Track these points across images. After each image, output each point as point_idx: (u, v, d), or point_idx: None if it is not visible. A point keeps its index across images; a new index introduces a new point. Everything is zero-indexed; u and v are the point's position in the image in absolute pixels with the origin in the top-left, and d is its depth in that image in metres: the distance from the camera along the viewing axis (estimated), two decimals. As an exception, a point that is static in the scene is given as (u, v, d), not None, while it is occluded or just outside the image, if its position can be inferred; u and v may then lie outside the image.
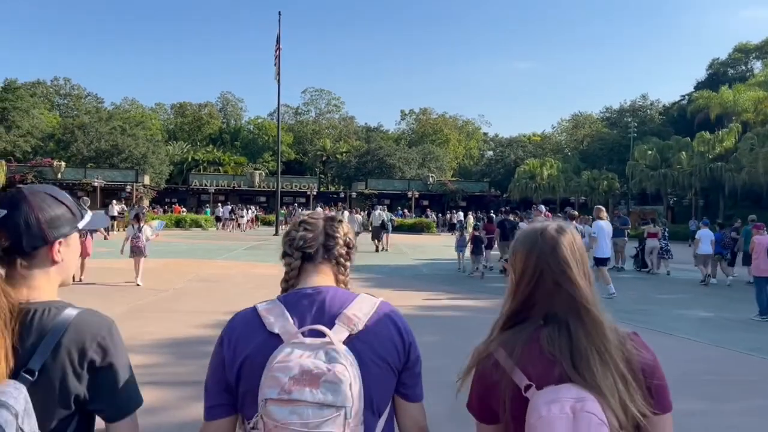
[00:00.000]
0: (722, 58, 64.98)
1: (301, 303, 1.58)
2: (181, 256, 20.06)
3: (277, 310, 1.55)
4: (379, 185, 61.73)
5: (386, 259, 20.99)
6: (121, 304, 10.65)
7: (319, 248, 1.68)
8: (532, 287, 1.56)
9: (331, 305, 1.57)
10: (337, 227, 1.73)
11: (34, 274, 1.48)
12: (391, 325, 1.61)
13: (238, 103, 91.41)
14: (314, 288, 1.61)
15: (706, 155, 43.59)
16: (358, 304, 1.59)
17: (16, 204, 1.46)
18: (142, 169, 58.49)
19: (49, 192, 1.53)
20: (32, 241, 1.46)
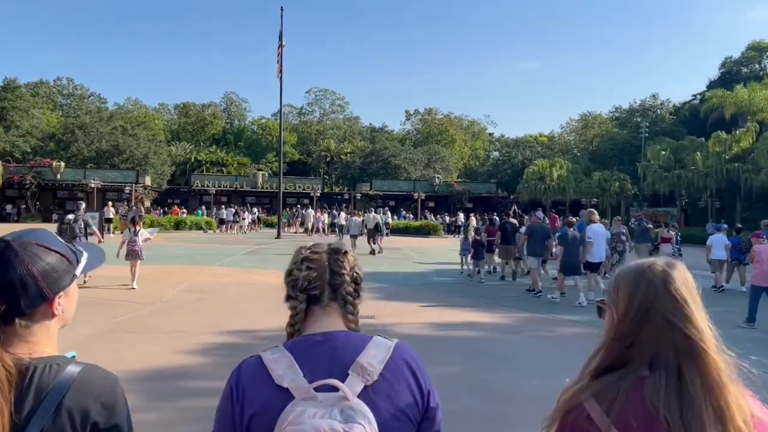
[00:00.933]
0: (735, 56, 63.58)
1: (311, 352, 1.47)
2: (177, 262, 18.94)
3: (284, 360, 1.45)
4: (383, 186, 60.68)
5: (393, 266, 19.82)
6: (99, 321, 9.50)
7: (325, 288, 1.56)
8: (637, 327, 1.40)
9: (344, 353, 1.46)
10: (342, 262, 1.59)
11: (33, 330, 1.39)
12: (407, 372, 1.49)
13: (242, 103, 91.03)
14: (324, 334, 1.51)
15: (723, 156, 42.23)
16: (371, 351, 1.47)
17: (7, 262, 1.35)
18: (143, 169, 57.66)
19: (40, 242, 1.41)
20: (31, 301, 1.36)
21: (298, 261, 1.61)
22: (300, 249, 1.67)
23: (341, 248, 1.65)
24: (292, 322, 1.58)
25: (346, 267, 1.61)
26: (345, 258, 1.62)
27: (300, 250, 1.66)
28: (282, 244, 29.32)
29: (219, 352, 7.74)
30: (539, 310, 11.83)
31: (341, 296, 1.58)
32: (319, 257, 1.59)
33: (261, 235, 36.56)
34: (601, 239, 13.64)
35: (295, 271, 1.59)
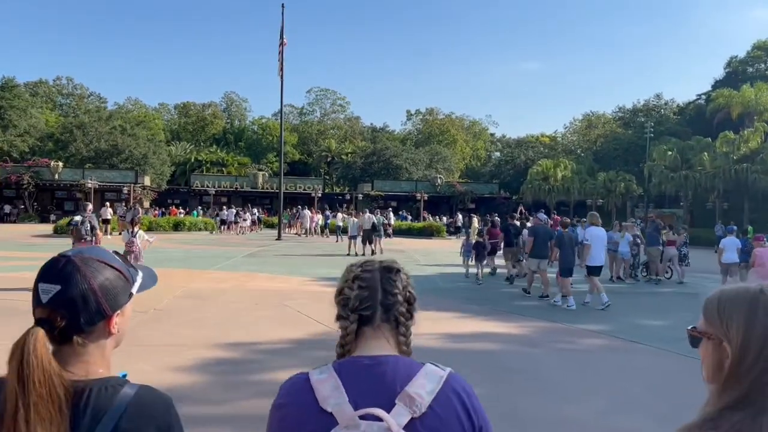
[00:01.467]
0: (741, 56, 62.95)
1: (359, 376, 1.41)
2: (174, 265, 18.27)
3: (331, 382, 1.40)
4: (385, 186, 60.11)
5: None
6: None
7: (377, 308, 1.49)
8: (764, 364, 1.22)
9: (393, 380, 1.39)
10: (395, 280, 1.53)
11: (89, 349, 1.37)
12: (458, 405, 1.40)
13: (242, 103, 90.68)
14: (372, 358, 1.44)
15: (731, 156, 41.54)
16: (421, 380, 1.39)
17: (69, 277, 1.34)
18: (142, 169, 57.11)
19: (100, 257, 1.41)
20: (90, 318, 1.35)
21: (350, 279, 1.56)
22: (351, 267, 1.61)
23: (394, 266, 1.58)
24: (343, 343, 1.52)
25: (399, 286, 1.53)
26: (398, 276, 1.56)
27: (351, 268, 1.60)
28: (283, 246, 28.68)
29: (217, 370, 7.09)
30: (556, 319, 11.17)
31: (393, 317, 1.51)
32: (371, 276, 1.54)
33: (261, 237, 35.90)
34: (600, 242, 13.34)
35: (346, 290, 1.54)
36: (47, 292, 1.33)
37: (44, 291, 1.33)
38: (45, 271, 1.37)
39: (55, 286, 1.33)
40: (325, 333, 9.27)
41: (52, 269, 1.36)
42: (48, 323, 1.32)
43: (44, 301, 1.33)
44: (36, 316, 1.33)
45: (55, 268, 1.36)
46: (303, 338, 8.90)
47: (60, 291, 1.33)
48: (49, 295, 1.33)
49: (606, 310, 12.30)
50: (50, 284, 1.34)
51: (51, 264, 1.38)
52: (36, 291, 1.34)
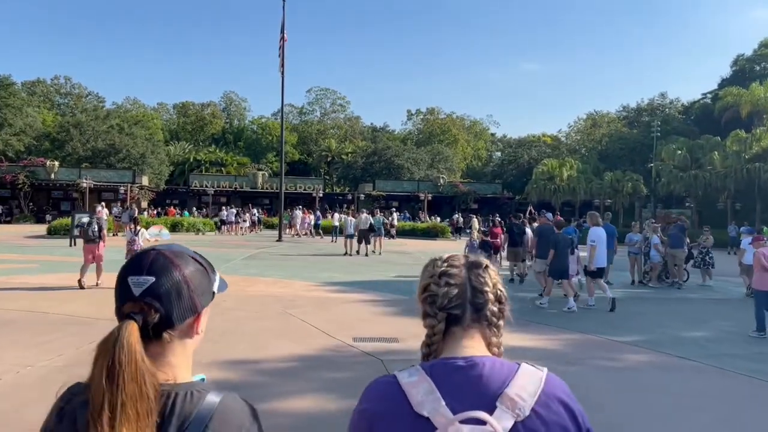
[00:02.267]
0: (747, 54, 61.99)
1: (453, 378, 1.31)
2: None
3: (424, 385, 1.30)
4: (387, 186, 59.22)
5: (406, 272, 18.22)
6: (67, 348, 7.87)
7: (467, 307, 1.40)
8: None
9: (490, 382, 1.30)
10: (484, 278, 1.44)
11: (175, 349, 1.30)
12: (562, 408, 1.30)
13: (242, 102, 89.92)
14: (467, 359, 1.34)
15: (742, 155, 40.54)
16: (521, 381, 1.30)
17: (163, 268, 1.29)
18: (140, 169, 56.16)
19: (188, 252, 1.38)
20: (183, 312, 1.29)
21: (436, 275, 1.44)
22: (435, 261, 1.50)
23: (482, 262, 1.47)
24: (429, 342, 1.42)
25: (489, 284, 1.43)
26: (486, 273, 1.45)
27: (435, 263, 1.49)
28: (284, 247, 27.69)
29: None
30: (585, 329, 10.18)
31: (485, 317, 1.41)
32: (459, 272, 1.43)
33: (261, 238, 34.91)
34: (603, 244, 12.95)
35: (433, 286, 1.43)
36: (140, 285, 1.26)
37: (136, 283, 1.26)
38: (135, 264, 1.30)
39: (148, 278, 1.26)
40: (335, 348, 8.29)
41: (143, 261, 1.30)
42: (140, 317, 1.24)
43: (137, 294, 1.25)
44: (125, 311, 1.25)
45: (146, 260, 1.30)
46: (311, 354, 7.91)
47: (154, 283, 1.27)
48: (142, 287, 1.26)
49: (636, 320, 11.36)
50: (143, 276, 1.27)
51: (141, 256, 1.32)
52: (124, 284, 1.27)
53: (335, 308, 11.44)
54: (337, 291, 13.85)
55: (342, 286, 14.60)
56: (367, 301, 12.49)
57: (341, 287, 14.47)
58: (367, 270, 18.61)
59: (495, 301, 1.43)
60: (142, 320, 1.24)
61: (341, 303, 12.12)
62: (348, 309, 11.45)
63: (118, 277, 1.31)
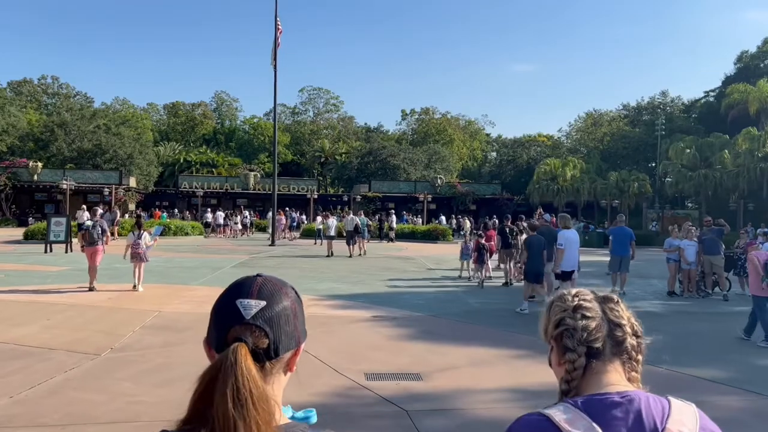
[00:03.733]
0: (752, 51, 60.60)
1: (611, 414, 1.26)
2: (149, 279, 15.42)
3: (582, 422, 1.24)
4: (383, 187, 57.44)
5: (414, 283, 16.46)
6: (10, 388, 6.06)
7: (606, 341, 1.36)
8: None
9: (648, 417, 1.25)
10: (619, 312, 1.40)
11: (274, 383, 1.20)
12: None
13: (233, 103, 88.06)
14: (622, 394, 1.29)
15: (756, 153, 38.94)
16: (678, 417, 1.27)
17: (273, 294, 1.22)
18: (127, 170, 54.20)
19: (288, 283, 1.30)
20: (288, 342, 1.21)
21: (570, 309, 1.39)
22: (563, 296, 1.44)
23: (613, 297, 1.44)
24: (569, 378, 1.35)
25: (624, 317, 1.40)
26: (619, 307, 1.42)
27: (564, 297, 1.44)
28: (277, 252, 25.85)
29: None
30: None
31: (625, 351, 1.37)
32: (593, 306, 1.40)
33: (253, 242, 33.04)
34: (573, 246, 12.80)
35: (569, 320, 1.37)
36: (251, 308, 1.19)
37: (247, 307, 1.19)
38: (243, 288, 1.23)
39: (260, 302, 1.20)
40: (345, 392, 6.48)
41: (252, 286, 1.23)
42: (250, 341, 1.15)
43: (248, 317, 1.18)
44: (234, 335, 1.16)
45: (254, 285, 1.23)
46: (315, 402, 6.09)
47: (266, 307, 1.20)
48: (254, 310, 1.19)
49: (695, 343, 9.63)
50: (254, 300, 1.20)
51: (248, 281, 1.26)
52: (232, 307, 1.19)
53: (340, 330, 9.64)
54: (340, 307, 12.05)
55: (345, 300, 12.80)
56: (375, 319, 10.70)
57: (344, 302, 12.67)
58: (370, 280, 16.82)
59: (632, 334, 1.38)
60: (252, 344, 1.14)
61: (346, 323, 10.32)
62: (355, 331, 9.66)
63: (222, 300, 1.22)
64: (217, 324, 1.21)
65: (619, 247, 15.43)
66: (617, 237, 15.66)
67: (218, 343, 1.18)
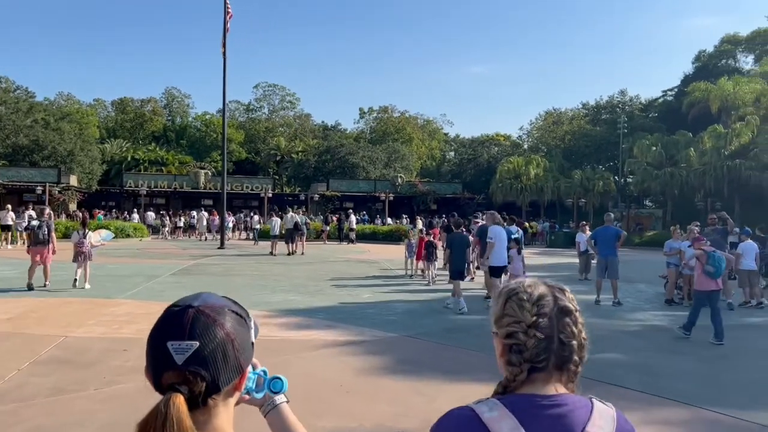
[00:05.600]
0: (709, 50, 60.72)
1: (537, 416, 1.28)
2: (72, 291, 13.09)
3: (508, 421, 1.26)
4: (342, 186, 55.45)
5: (382, 291, 14.45)
6: None
7: (551, 359, 1.35)
8: None
9: (572, 421, 1.29)
10: (571, 330, 1.37)
11: (220, 413, 1.17)
12: None
13: (185, 99, 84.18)
14: (548, 397, 1.32)
15: (722, 151, 38.19)
16: (598, 420, 1.31)
17: (206, 330, 1.13)
18: (68, 167, 50.64)
19: (227, 305, 1.21)
20: (230, 375, 1.16)
21: (525, 323, 1.35)
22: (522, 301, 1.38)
23: (570, 308, 1.39)
24: (507, 384, 1.36)
25: (576, 333, 1.38)
26: (573, 320, 1.38)
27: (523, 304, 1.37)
28: (226, 257, 23.49)
29: None
30: (681, 393, 6.60)
31: (568, 367, 1.37)
32: (549, 323, 1.35)
33: (200, 245, 30.55)
34: (503, 242, 12.55)
35: (521, 336, 1.35)
36: (183, 351, 1.11)
37: (178, 350, 1.11)
38: (172, 327, 1.14)
39: (192, 343, 1.11)
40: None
41: (182, 322, 1.13)
42: (185, 388, 1.09)
43: (181, 362, 1.10)
44: (167, 381, 1.11)
45: (185, 321, 1.14)
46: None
47: (199, 348, 1.11)
48: (186, 354, 1.11)
49: (728, 369, 7.90)
50: (184, 341, 1.11)
51: (177, 317, 1.15)
52: (163, 351, 1.11)
53: (296, 363, 7.50)
54: (296, 326, 9.91)
55: (302, 317, 10.67)
56: (341, 345, 8.61)
57: (302, 318, 10.55)
58: (330, 288, 14.73)
59: (578, 350, 1.38)
60: (187, 391, 1.09)
61: (304, 350, 8.21)
62: (315, 363, 7.57)
63: (152, 340, 1.14)
64: (151, 364, 1.13)
65: (605, 249, 13.70)
66: (602, 238, 13.89)
67: (154, 383, 1.13)
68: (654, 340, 9.55)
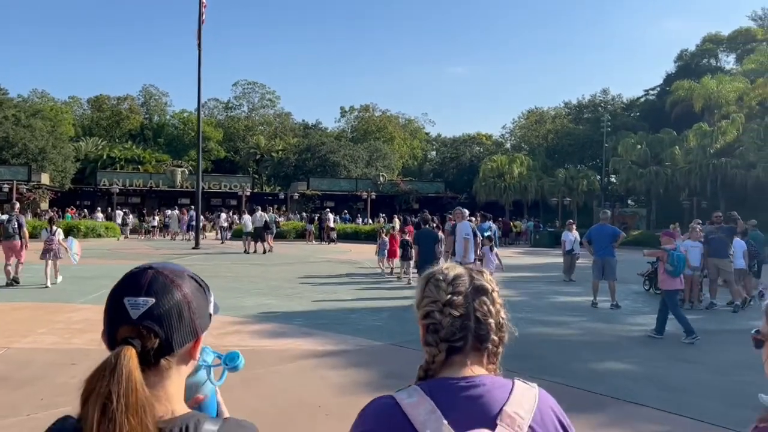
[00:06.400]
0: (691, 49, 60.70)
1: (454, 397, 1.29)
2: (27, 294, 12.03)
3: (425, 405, 1.26)
4: (322, 185, 54.41)
5: (368, 292, 13.56)
6: None
7: (469, 339, 1.36)
8: None
9: (489, 400, 1.29)
10: (488, 307, 1.37)
11: (172, 377, 1.17)
12: (557, 422, 1.32)
13: (163, 97, 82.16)
14: (467, 379, 1.32)
15: (708, 150, 37.82)
16: (518, 399, 1.30)
17: (164, 289, 1.16)
18: (39, 165, 49.03)
19: (185, 270, 1.24)
20: (184, 337, 1.17)
21: (440, 302, 1.36)
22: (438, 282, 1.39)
23: (487, 287, 1.39)
24: (427, 368, 1.37)
25: (492, 312, 1.37)
26: (491, 299, 1.38)
27: (439, 284, 1.38)
28: (201, 257, 22.44)
29: None
30: (703, 411, 5.80)
31: (486, 346, 1.37)
32: (464, 300, 1.36)
33: (174, 245, 29.41)
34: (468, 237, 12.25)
35: (437, 315, 1.36)
36: (139, 306, 1.13)
37: (134, 305, 1.13)
38: (131, 284, 1.16)
39: (148, 299, 1.14)
40: None
41: (140, 280, 1.17)
42: (138, 343, 1.11)
43: (135, 317, 1.12)
44: (121, 336, 1.12)
45: (144, 279, 1.17)
46: None
47: (155, 304, 1.14)
48: (141, 309, 1.13)
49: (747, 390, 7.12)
50: (141, 297, 1.14)
51: (137, 275, 1.18)
52: (119, 306, 1.13)
53: (268, 378, 6.55)
54: (270, 333, 8.98)
55: (278, 323, 9.73)
56: (321, 356, 7.68)
57: (277, 325, 9.61)
58: (309, 291, 13.79)
59: (496, 329, 1.38)
60: (140, 346, 1.11)
61: (278, 363, 7.27)
62: (290, 379, 6.63)
63: (111, 297, 1.16)
64: (107, 322, 1.15)
65: (601, 249, 12.94)
66: (598, 237, 13.12)
67: (110, 342, 1.13)
68: (661, 348, 8.76)
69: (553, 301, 13.09)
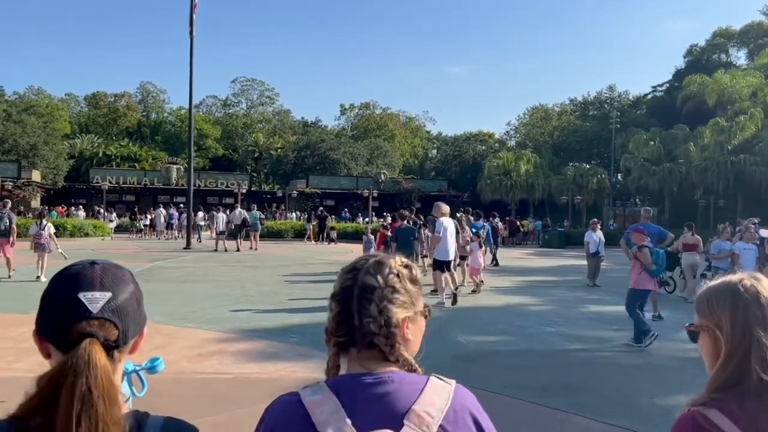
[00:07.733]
0: (701, 44, 59.20)
1: (360, 395, 1.23)
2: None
3: (329, 404, 1.21)
4: (322, 183, 52.98)
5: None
6: None
7: (355, 335, 1.28)
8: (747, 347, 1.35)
9: (397, 398, 1.22)
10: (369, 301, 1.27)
11: (118, 371, 1.18)
12: (471, 422, 1.25)
13: (160, 94, 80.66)
14: (374, 375, 1.25)
15: (726, 146, 36.25)
16: (429, 397, 1.23)
17: (116, 283, 1.18)
18: (30, 162, 47.57)
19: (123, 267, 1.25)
20: (134, 330, 1.19)
21: (334, 293, 1.34)
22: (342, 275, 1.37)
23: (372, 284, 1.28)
24: (330, 365, 1.32)
25: (374, 310, 1.26)
26: (373, 296, 1.27)
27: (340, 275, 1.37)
28: (191, 259, 20.92)
29: None
30: None
31: (377, 343, 1.27)
32: (348, 295, 1.29)
33: (165, 245, 27.88)
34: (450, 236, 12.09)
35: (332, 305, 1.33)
36: (97, 301, 1.13)
37: (92, 300, 1.13)
38: (84, 280, 1.15)
39: (105, 294, 1.14)
40: None
41: (91, 276, 1.16)
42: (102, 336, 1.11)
43: (96, 311, 1.12)
44: (80, 331, 1.10)
45: (94, 275, 1.17)
46: None
47: (112, 298, 1.15)
48: (100, 303, 1.13)
49: None
50: (97, 291, 1.14)
51: (82, 272, 1.17)
52: (76, 302, 1.12)
53: (252, 425, 5.07)
54: (258, 356, 7.45)
55: (269, 341, 8.20)
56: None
57: (268, 342, 8.09)
58: (307, 299, 12.26)
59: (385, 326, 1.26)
60: (103, 338, 1.11)
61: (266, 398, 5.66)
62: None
63: (58, 296, 1.14)
64: (59, 318, 1.12)
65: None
66: None
67: (59, 338, 1.11)
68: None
69: (584, 311, 11.57)
